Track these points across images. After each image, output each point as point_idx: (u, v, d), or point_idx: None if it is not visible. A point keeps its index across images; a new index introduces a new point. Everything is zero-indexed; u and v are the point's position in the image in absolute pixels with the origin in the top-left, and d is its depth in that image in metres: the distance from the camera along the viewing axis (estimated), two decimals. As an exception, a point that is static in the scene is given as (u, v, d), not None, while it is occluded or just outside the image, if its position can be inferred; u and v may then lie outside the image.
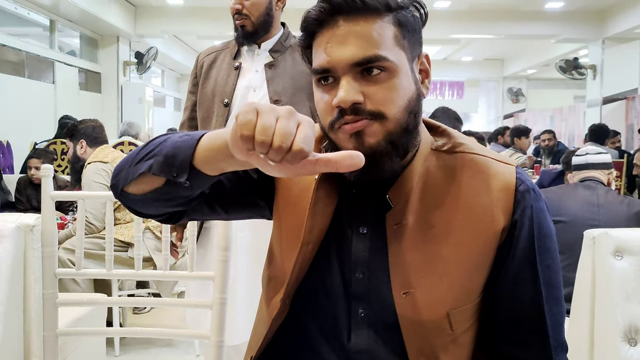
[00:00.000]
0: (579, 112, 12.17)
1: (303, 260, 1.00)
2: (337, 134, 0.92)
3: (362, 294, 1.00)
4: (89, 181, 3.29)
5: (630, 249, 1.77)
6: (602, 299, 1.82)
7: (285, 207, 1.05)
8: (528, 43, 13.53)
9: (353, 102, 0.89)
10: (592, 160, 2.86)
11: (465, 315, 0.99)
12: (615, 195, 2.79)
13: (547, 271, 0.99)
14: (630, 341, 1.72)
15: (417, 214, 0.97)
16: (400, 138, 0.93)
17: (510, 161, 1.01)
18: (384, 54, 0.90)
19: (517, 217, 0.96)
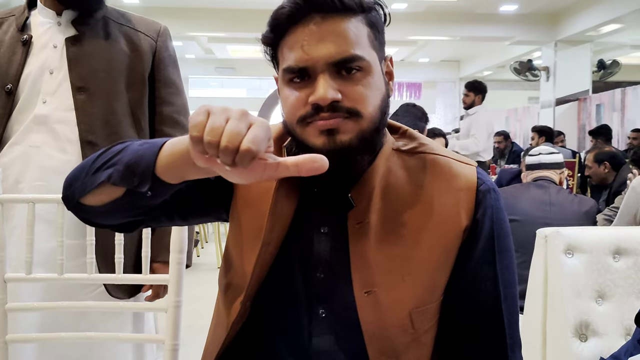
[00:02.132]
0: (533, 113, 12.43)
1: (263, 261, 0.99)
2: (306, 129, 0.92)
3: (323, 294, 1.00)
4: None
5: (581, 247, 1.81)
6: (554, 295, 1.87)
7: (244, 208, 1.03)
8: (483, 45, 13.74)
9: (332, 100, 0.89)
10: (544, 160, 2.92)
11: (427, 315, 0.99)
12: (566, 194, 2.86)
13: (505, 271, 1.00)
14: (580, 337, 1.77)
15: (379, 213, 0.97)
16: (372, 136, 0.93)
17: (470, 161, 1.02)
18: (361, 54, 0.91)
19: (479, 216, 0.98)
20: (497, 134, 8.07)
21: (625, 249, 1.81)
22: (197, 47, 14.05)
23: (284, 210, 0.99)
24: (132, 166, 0.85)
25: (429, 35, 11.73)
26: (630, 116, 9.01)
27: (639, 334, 1.39)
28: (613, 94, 9.56)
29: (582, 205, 2.76)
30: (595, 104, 10.08)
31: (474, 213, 0.98)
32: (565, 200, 2.76)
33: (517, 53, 12.89)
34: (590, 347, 1.75)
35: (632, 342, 1.41)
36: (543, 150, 3.02)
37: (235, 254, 1.05)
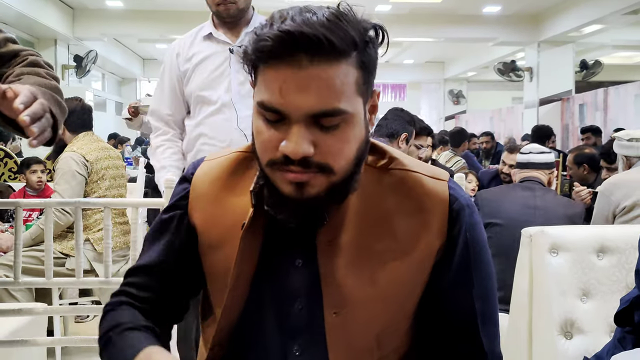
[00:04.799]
0: (517, 113, 12.49)
1: (232, 306, 0.96)
2: (275, 173, 0.87)
3: (300, 329, 0.96)
4: (69, 169, 3.11)
5: (566, 246, 1.83)
6: (539, 294, 1.88)
7: (209, 252, 1.00)
8: (467, 46, 13.81)
9: (304, 155, 0.82)
10: (534, 160, 2.88)
11: (395, 335, 0.98)
12: (553, 196, 2.83)
13: (481, 288, 0.98)
14: (566, 334, 1.78)
15: (350, 233, 0.93)
16: (344, 186, 0.89)
17: (442, 175, 0.98)
18: (344, 107, 0.83)
19: (452, 235, 0.95)
20: (484, 134, 8.10)
21: (609, 247, 1.83)
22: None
23: (251, 252, 0.95)
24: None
25: (413, 36, 11.76)
26: (612, 116, 9.09)
27: (619, 333, 1.40)
28: (596, 94, 9.63)
29: (568, 209, 2.72)
30: (578, 103, 10.15)
31: (447, 232, 0.94)
32: (551, 203, 2.72)
33: (501, 54, 12.97)
34: (576, 345, 1.76)
35: (613, 341, 1.43)
36: (534, 149, 2.97)
37: (208, 295, 1.04)
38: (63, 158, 3.17)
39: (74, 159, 3.14)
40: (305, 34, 0.79)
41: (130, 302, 0.98)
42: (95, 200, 2.61)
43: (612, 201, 2.71)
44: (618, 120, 8.70)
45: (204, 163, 1.03)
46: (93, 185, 3.20)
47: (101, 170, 3.22)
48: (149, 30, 11.01)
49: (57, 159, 3.22)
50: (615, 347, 1.39)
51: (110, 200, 2.23)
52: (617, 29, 10.76)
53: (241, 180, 0.98)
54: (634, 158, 2.93)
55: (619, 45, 12.47)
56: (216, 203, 0.99)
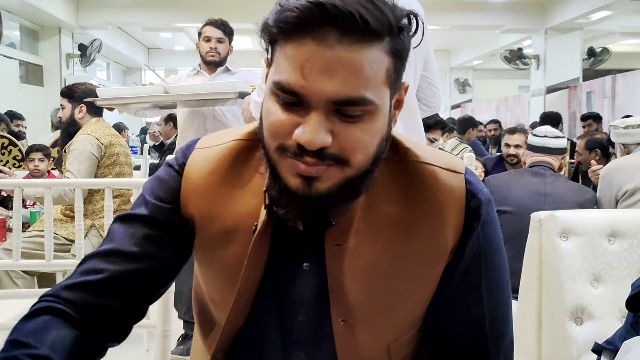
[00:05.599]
0: (524, 101, 12.43)
1: (238, 313, 0.91)
2: (285, 161, 0.78)
3: (305, 338, 0.92)
4: (85, 150, 3.14)
5: (576, 230, 1.80)
6: (550, 280, 1.86)
7: (208, 249, 0.92)
8: (474, 34, 13.73)
9: (321, 146, 0.74)
10: (549, 145, 2.81)
11: (405, 344, 0.93)
12: (563, 181, 2.78)
13: (494, 292, 0.91)
14: (576, 320, 1.76)
15: (359, 236, 0.86)
16: (358, 185, 0.80)
17: (458, 166, 0.89)
18: (371, 97, 0.75)
19: (467, 235, 0.87)
20: (492, 122, 8.09)
21: (621, 232, 1.80)
22: (187, 39, 13.95)
23: (261, 255, 0.88)
24: None
25: (420, 24, 11.69)
26: (620, 103, 9.02)
27: (631, 318, 1.38)
28: (603, 82, 9.57)
29: (579, 195, 2.68)
30: (586, 91, 10.09)
31: (463, 232, 0.86)
32: (561, 190, 2.68)
33: (508, 42, 12.89)
34: (587, 331, 1.74)
35: (625, 327, 1.40)
36: (549, 132, 2.87)
37: (208, 298, 0.97)
38: (79, 140, 3.20)
39: (90, 141, 3.19)
40: (339, 8, 0.71)
41: (62, 311, 0.83)
42: (97, 181, 2.62)
43: (613, 185, 2.68)
44: (626, 108, 8.63)
45: (197, 152, 0.92)
46: (105, 169, 3.23)
47: (114, 155, 3.27)
48: (154, 19, 10.98)
49: (71, 142, 3.24)
50: (628, 332, 1.37)
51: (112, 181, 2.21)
52: (626, 15, 10.66)
53: (242, 173, 0.89)
54: (632, 145, 2.92)
55: (628, 32, 12.37)
56: (216, 198, 0.89)
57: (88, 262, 0.89)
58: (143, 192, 0.93)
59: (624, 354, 1.25)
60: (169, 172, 0.93)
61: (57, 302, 0.84)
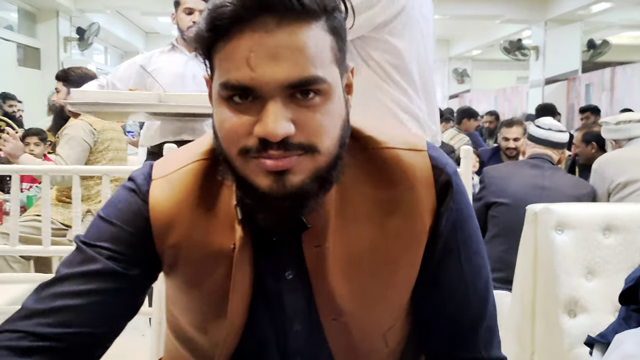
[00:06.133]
0: (522, 92, 12.43)
1: (230, 337, 0.88)
2: (250, 164, 0.75)
3: (302, 345, 0.90)
4: (76, 135, 3.11)
5: (571, 224, 1.81)
6: (544, 272, 1.86)
7: (193, 285, 0.88)
8: (473, 24, 13.69)
9: (285, 136, 0.72)
10: (552, 138, 2.77)
11: (398, 329, 0.93)
12: (562, 174, 2.75)
13: (472, 260, 0.90)
14: (570, 313, 1.77)
15: (337, 233, 0.84)
16: (329, 174, 0.77)
17: (418, 143, 0.88)
18: (322, 74, 0.73)
19: (441, 210, 0.86)
20: (488, 114, 8.07)
21: (615, 225, 1.81)
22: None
23: (244, 272, 0.85)
24: None
25: (419, 13, 11.64)
26: (619, 96, 9.02)
27: (624, 312, 1.39)
28: (602, 74, 9.56)
29: (577, 189, 2.65)
30: (585, 83, 10.08)
31: (436, 208, 0.86)
32: (559, 183, 2.65)
33: (507, 32, 12.86)
34: (580, 323, 1.75)
35: (617, 320, 1.41)
36: (554, 126, 2.82)
37: (191, 327, 0.92)
38: (71, 125, 3.17)
39: (82, 127, 3.15)
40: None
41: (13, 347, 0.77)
42: (93, 168, 2.60)
43: (605, 178, 2.68)
44: (624, 101, 8.64)
45: (156, 183, 0.86)
46: (97, 155, 3.21)
47: (106, 140, 3.24)
48: (152, 3, 10.91)
49: (64, 127, 3.21)
50: (620, 325, 1.38)
51: (109, 168, 2.21)
52: (626, 8, 10.63)
53: (210, 194, 0.86)
54: (623, 140, 2.91)
55: (627, 24, 12.34)
56: (190, 226, 0.85)
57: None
58: (88, 238, 0.85)
59: (615, 347, 1.26)
60: (132, 200, 0.86)
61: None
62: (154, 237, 0.85)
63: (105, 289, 0.81)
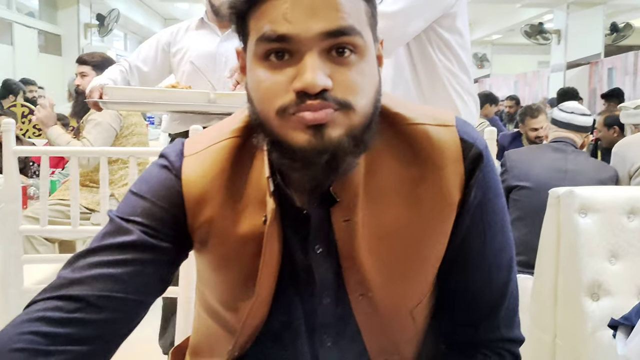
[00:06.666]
0: (543, 77, 12.29)
1: (257, 313, 0.88)
2: (288, 122, 0.75)
3: (330, 321, 0.90)
4: (104, 121, 3.10)
5: (595, 207, 1.80)
6: (566, 256, 1.86)
7: (225, 262, 0.88)
8: (493, 7, 13.54)
9: (323, 88, 0.72)
10: (575, 122, 2.74)
11: (425, 305, 0.92)
12: (585, 158, 2.72)
13: (496, 238, 0.90)
14: (593, 296, 1.76)
15: (366, 208, 0.84)
16: (363, 135, 0.77)
17: (447, 118, 0.87)
18: (358, 27, 0.75)
19: (470, 185, 0.85)
20: (509, 98, 8.00)
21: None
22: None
23: (273, 247, 0.85)
24: None
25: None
26: (642, 80, 8.90)
27: (647, 294, 1.38)
28: (625, 57, 9.42)
29: (600, 173, 2.62)
30: (607, 67, 9.95)
31: (465, 183, 0.85)
32: (582, 166, 2.62)
33: (528, 16, 12.71)
34: (603, 307, 1.75)
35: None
36: (576, 109, 2.78)
37: (218, 291, 0.93)
38: (101, 112, 3.16)
39: (109, 112, 3.11)
40: None
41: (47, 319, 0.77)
42: (120, 149, 2.60)
43: (625, 161, 2.65)
44: (648, 85, 8.52)
45: (188, 160, 0.87)
46: (122, 139, 3.21)
47: (131, 125, 3.24)
48: (171, -11, 10.95)
49: (89, 112, 3.19)
50: (645, 308, 1.37)
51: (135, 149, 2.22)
52: (650, -10, 10.47)
53: (241, 170, 0.86)
54: None
55: (651, 7, 12.15)
56: (224, 202, 0.86)
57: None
58: (123, 210, 0.86)
59: (639, 330, 1.26)
60: (165, 175, 0.87)
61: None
62: (186, 213, 0.86)
63: (140, 260, 0.82)
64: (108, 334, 0.80)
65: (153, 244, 0.83)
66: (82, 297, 0.78)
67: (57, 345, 0.76)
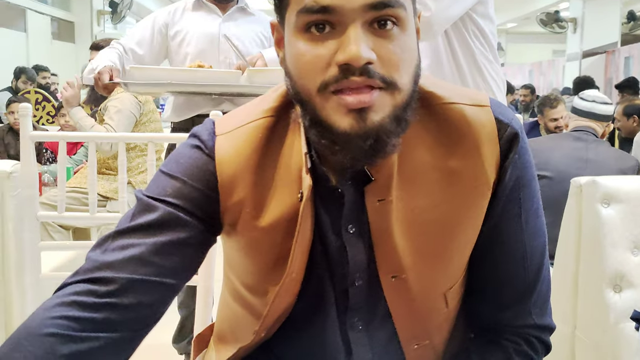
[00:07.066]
0: (558, 66, 12.20)
1: (287, 291, 0.86)
2: (329, 102, 0.73)
3: (361, 303, 0.88)
4: (124, 108, 3.09)
5: (618, 197, 1.77)
6: (588, 246, 1.83)
7: (258, 240, 0.86)
8: (509, -4, 13.44)
9: (367, 62, 0.70)
10: (596, 110, 2.69)
11: (458, 289, 0.91)
12: (606, 148, 2.68)
13: (531, 221, 0.88)
14: (615, 287, 1.74)
15: (400, 188, 0.82)
16: (406, 112, 0.76)
17: (482, 99, 0.86)
18: (402, 0, 0.73)
19: (505, 166, 0.84)
20: (524, 87, 7.93)
21: (664, 199, 1.76)
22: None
23: (307, 225, 0.83)
24: None
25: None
26: (659, 69, 8.80)
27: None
28: (642, 47, 9.33)
29: (621, 162, 2.58)
30: (624, 56, 9.84)
31: (500, 164, 0.84)
32: (603, 156, 2.58)
33: (544, 4, 12.59)
34: (625, 298, 1.72)
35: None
36: (597, 97, 2.74)
37: (244, 275, 0.91)
38: (117, 97, 3.13)
39: (129, 99, 3.11)
40: None
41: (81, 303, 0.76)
42: (139, 135, 2.57)
43: None
44: (665, 74, 8.42)
45: (221, 138, 0.85)
46: (141, 127, 3.21)
47: (149, 112, 3.24)
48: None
49: (108, 99, 3.17)
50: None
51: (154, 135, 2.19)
52: (669, -22, 10.33)
53: (275, 148, 0.85)
54: None
55: (669, -4, 12.00)
56: (258, 181, 0.84)
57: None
58: (151, 189, 0.84)
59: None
60: (198, 155, 0.85)
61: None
62: (219, 194, 0.84)
63: (170, 242, 0.81)
64: (137, 320, 0.79)
65: (184, 224, 0.82)
66: (113, 280, 0.77)
67: (89, 331, 0.75)
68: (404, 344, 0.90)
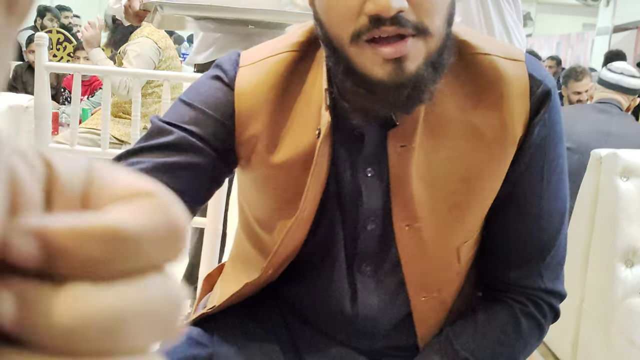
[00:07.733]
0: (588, 40, 11.94)
1: (298, 228, 0.85)
2: (364, 51, 0.72)
3: (372, 248, 0.87)
4: (144, 53, 3.04)
5: (638, 171, 1.74)
6: (602, 220, 1.81)
7: (273, 172, 0.85)
8: (543, -36, 13.12)
9: (398, 11, 0.68)
10: (623, 83, 2.64)
11: (472, 245, 0.89)
12: (630, 122, 2.62)
13: (554, 183, 0.87)
14: (627, 262, 1.72)
15: (424, 136, 0.81)
16: (441, 57, 0.74)
17: (517, 53, 0.84)
18: None
19: (534, 123, 0.82)
20: (550, 59, 7.76)
21: (685, 176, 1.73)
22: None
23: (323, 163, 0.82)
24: None
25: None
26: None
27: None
28: (676, 25, 9.09)
29: None
30: (656, 34, 9.62)
31: (529, 120, 0.82)
32: (627, 129, 2.51)
33: (578, -25, 12.29)
34: (636, 274, 1.71)
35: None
36: (626, 70, 2.68)
37: (256, 209, 0.90)
38: (137, 42, 3.09)
39: (149, 45, 3.07)
40: None
41: None
42: (155, 72, 2.53)
43: None
44: (697, 55, 8.22)
45: (243, 70, 0.85)
46: None
47: (168, 59, 3.22)
48: None
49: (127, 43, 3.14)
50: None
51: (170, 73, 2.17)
52: None
53: (297, 83, 0.84)
54: None
55: None
56: (276, 114, 0.83)
57: None
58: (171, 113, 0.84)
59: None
60: (218, 85, 0.84)
61: None
62: (236, 125, 0.83)
63: (182, 164, 0.80)
64: None
65: (197, 150, 0.81)
66: None
67: None
68: (411, 294, 0.89)
